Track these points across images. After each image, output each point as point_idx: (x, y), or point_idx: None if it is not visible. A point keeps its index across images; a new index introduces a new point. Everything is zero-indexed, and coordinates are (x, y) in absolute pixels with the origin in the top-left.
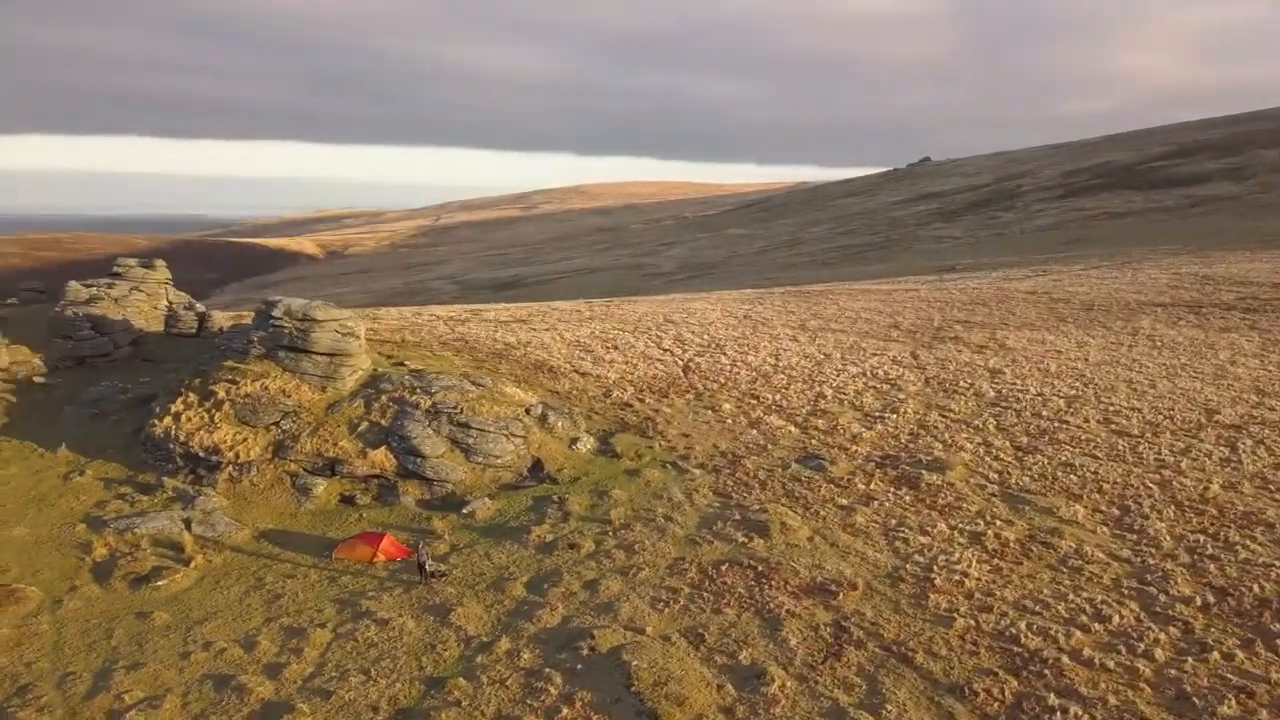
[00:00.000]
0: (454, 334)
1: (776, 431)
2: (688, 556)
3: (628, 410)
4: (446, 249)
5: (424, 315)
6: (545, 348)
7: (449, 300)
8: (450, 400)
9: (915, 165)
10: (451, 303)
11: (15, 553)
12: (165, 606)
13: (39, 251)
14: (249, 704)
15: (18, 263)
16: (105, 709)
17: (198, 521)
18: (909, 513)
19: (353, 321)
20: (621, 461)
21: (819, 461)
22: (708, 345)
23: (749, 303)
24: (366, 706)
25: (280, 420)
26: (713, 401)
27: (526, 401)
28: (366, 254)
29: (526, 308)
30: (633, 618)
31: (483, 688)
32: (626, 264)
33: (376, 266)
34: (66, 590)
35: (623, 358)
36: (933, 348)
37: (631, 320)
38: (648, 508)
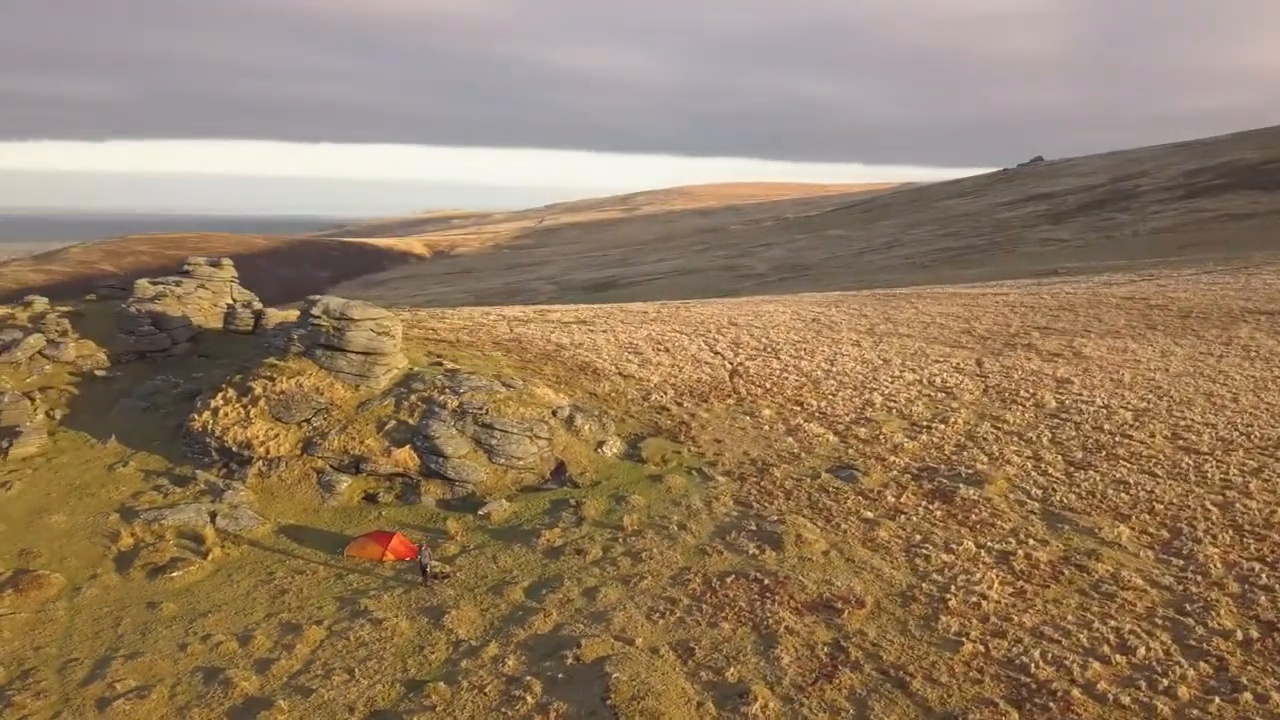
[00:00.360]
0: (511, 334)
1: (814, 439)
2: (694, 566)
3: (663, 414)
4: (549, 250)
5: (491, 315)
6: (595, 349)
7: (545, 300)
8: (477, 401)
9: (1026, 165)
10: (548, 303)
11: (49, 539)
12: (175, 597)
13: (167, 250)
14: (232, 698)
15: (148, 260)
16: (96, 697)
17: (223, 515)
18: (936, 528)
19: (389, 321)
20: (646, 466)
21: (851, 472)
22: (763, 349)
23: (825, 306)
24: (344, 706)
25: (312, 417)
26: (753, 407)
27: (556, 403)
28: (471, 254)
29: (593, 309)
30: (625, 628)
31: (461, 693)
32: (721, 265)
33: (480, 267)
34: (88, 578)
35: (670, 360)
36: (1001, 355)
37: (694, 322)
38: (663, 515)
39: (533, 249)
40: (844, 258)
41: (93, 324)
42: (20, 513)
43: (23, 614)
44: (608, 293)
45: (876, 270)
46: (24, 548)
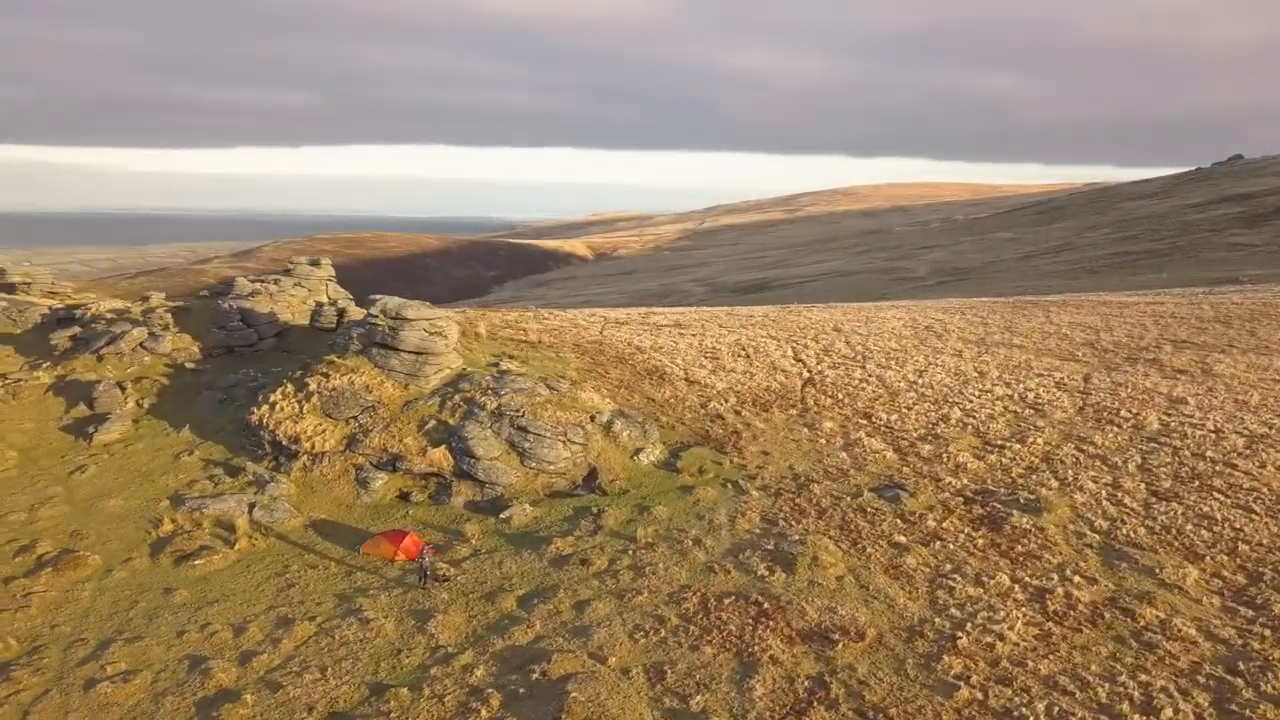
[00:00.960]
0: (596, 337)
1: (869, 455)
2: (696, 585)
3: (717, 423)
4: (707, 251)
5: (594, 317)
6: (673, 353)
7: (695, 302)
8: (515, 403)
9: (1223, 164)
10: (698, 304)
11: (100, 521)
12: (192, 585)
13: (347, 249)
14: (205, 689)
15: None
16: (86, 678)
17: (261, 506)
18: (973, 558)
19: (443, 322)
20: (681, 477)
21: (897, 492)
22: (853, 357)
23: (948, 312)
24: (305, 705)
25: (359, 414)
26: (815, 419)
27: (599, 408)
28: (632, 256)
29: (698, 312)
30: (603, 645)
31: (420, 701)
32: (879, 267)
33: (639, 268)
34: (122, 561)
35: (745, 367)
36: (1117, 370)
37: (795, 327)
38: (682, 528)
39: (691, 250)
40: (1008, 261)
41: (195, 319)
42: (86, 495)
43: (53, 592)
44: (759, 295)
45: (1040, 275)
46: (76, 529)
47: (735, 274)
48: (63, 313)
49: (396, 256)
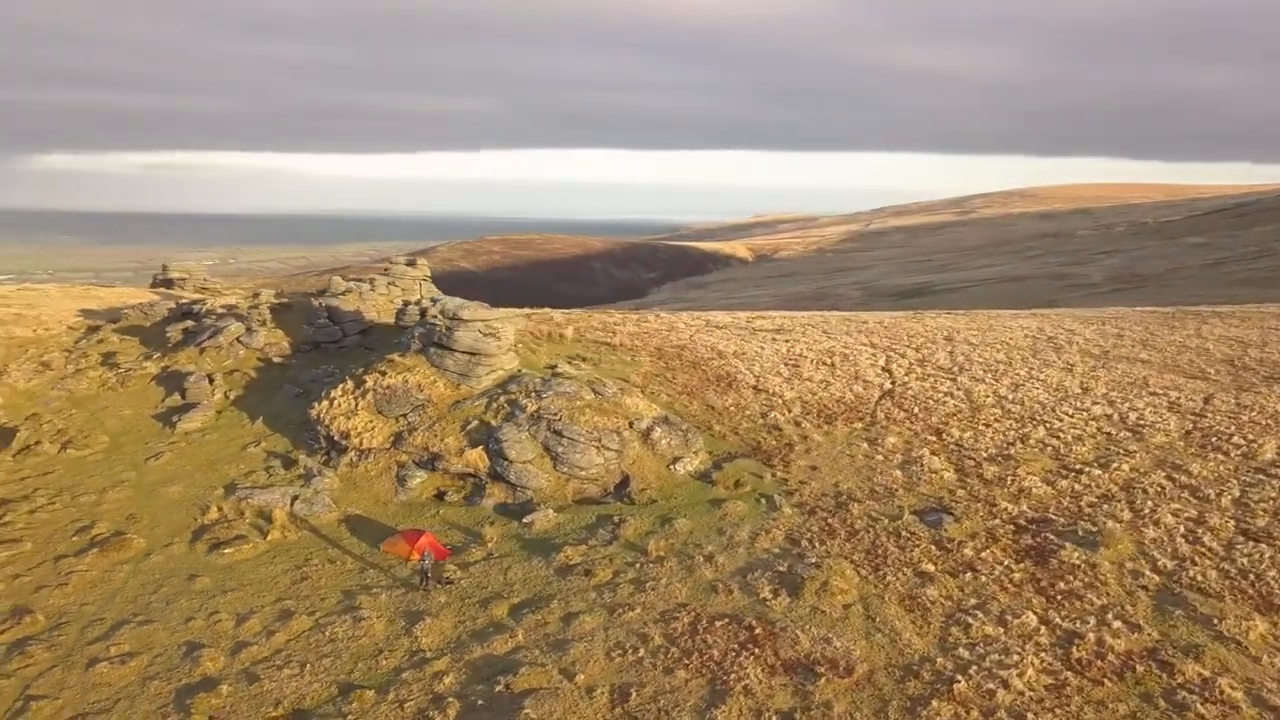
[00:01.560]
0: (682, 341)
1: (925, 475)
2: (693, 604)
3: (772, 434)
4: (870, 254)
5: (694, 320)
6: (753, 359)
7: (850, 306)
8: (554, 406)
9: None
10: (853, 308)
11: (157, 506)
12: (216, 572)
13: (515, 250)
14: (190, 676)
15: (499, 259)
16: (91, 657)
17: (303, 499)
18: (1003, 593)
19: (498, 323)
20: (715, 489)
21: (941, 516)
22: (949, 368)
23: (1084, 322)
24: (274, 700)
25: (409, 412)
26: (880, 433)
27: (641, 414)
28: (793, 258)
29: (807, 316)
30: (577, 661)
31: (382, 704)
32: (1051, 272)
33: (799, 270)
34: (163, 545)
35: (824, 376)
36: (1248, 391)
37: (904, 335)
38: (699, 543)
39: (854, 253)
40: (1193, 269)
41: (294, 316)
42: (153, 481)
43: (93, 572)
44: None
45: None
46: (133, 513)
47: (896, 278)
48: (185, 307)
49: (562, 258)
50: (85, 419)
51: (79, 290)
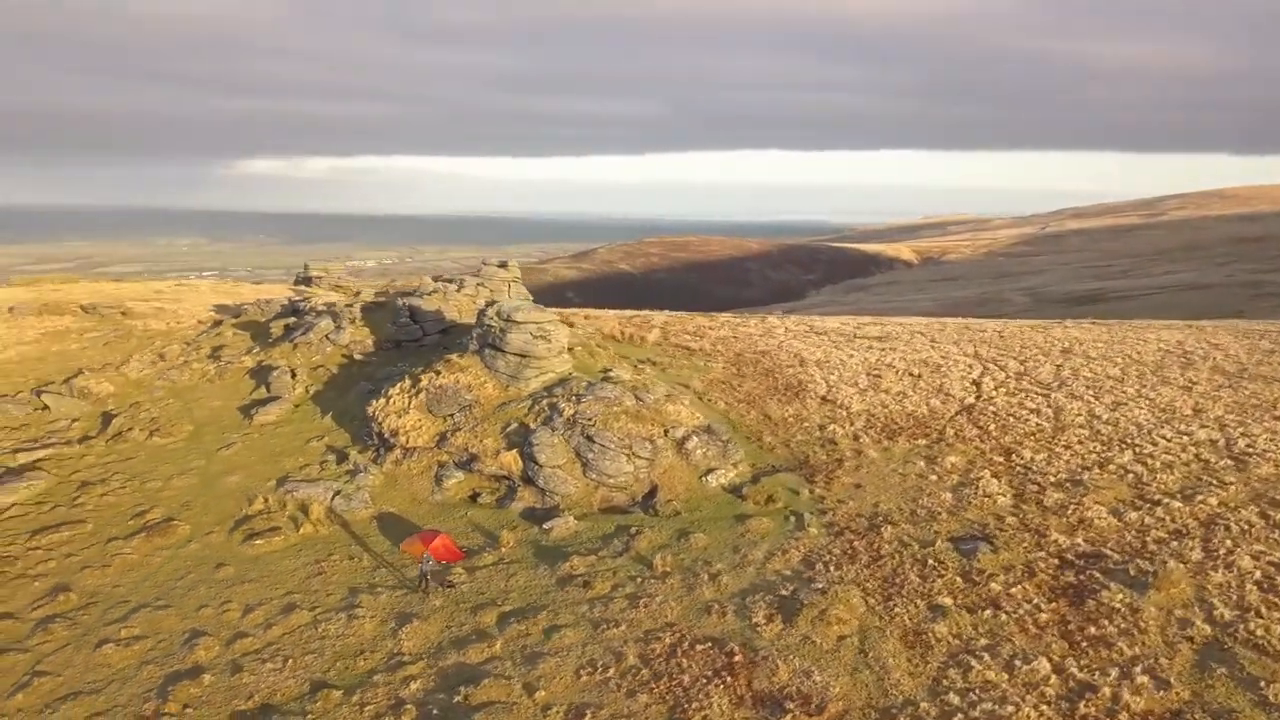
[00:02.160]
0: (766, 347)
1: (978, 499)
2: (681, 624)
3: (825, 448)
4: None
5: (797, 324)
6: (833, 368)
7: (1015, 312)
8: (590, 412)
9: None
10: (1019, 315)
11: (212, 495)
12: (241, 562)
13: (672, 252)
14: (183, 663)
15: (656, 261)
16: (101, 638)
17: (343, 495)
18: (1022, 635)
19: (550, 325)
20: (744, 504)
21: (978, 544)
22: (1047, 383)
23: (1236, 336)
24: (247, 693)
25: (456, 413)
26: (942, 451)
27: (680, 422)
28: (961, 261)
29: (927, 324)
30: (542, 676)
31: (345, 705)
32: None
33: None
34: (204, 533)
35: (903, 388)
36: None
37: (1016, 346)
38: (709, 560)
39: (1028, 257)
40: None
41: (383, 315)
42: (218, 470)
43: (135, 555)
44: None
45: None
46: (189, 500)
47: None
48: (293, 304)
49: (718, 260)
50: (178, 409)
51: (226, 286)
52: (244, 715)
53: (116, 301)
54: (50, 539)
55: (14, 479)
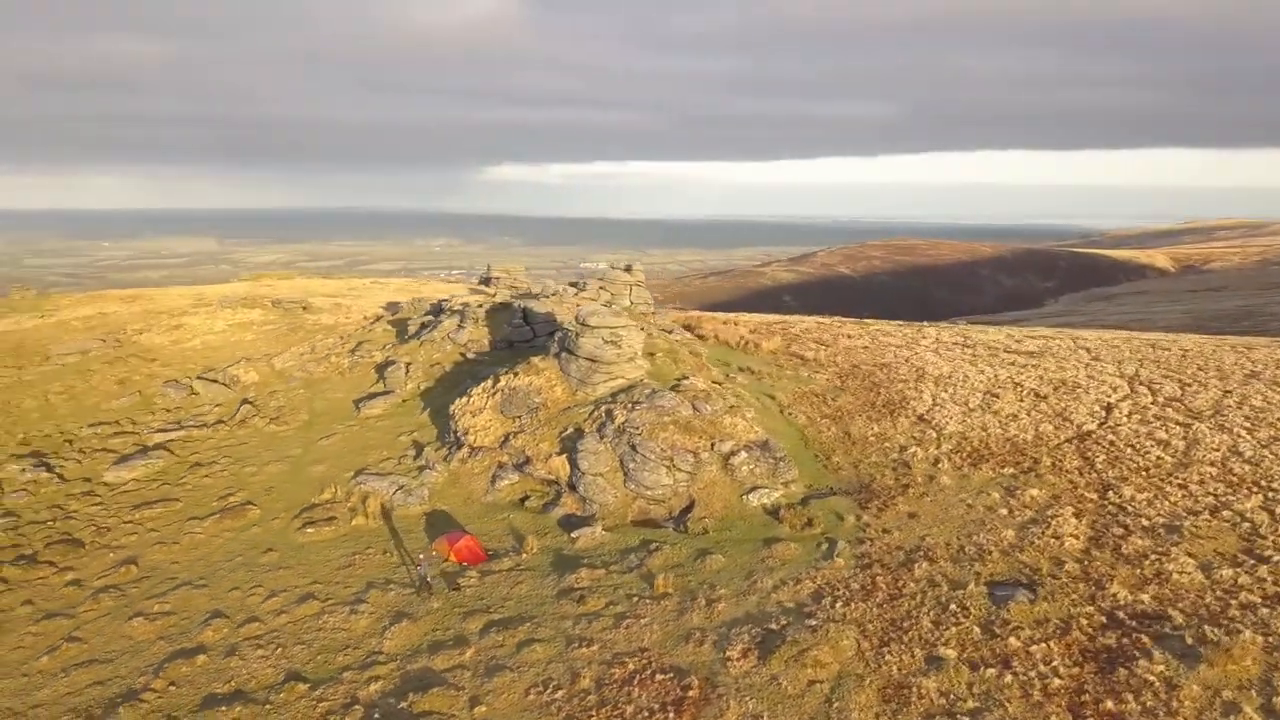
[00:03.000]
0: (882, 360)
1: (1043, 539)
2: (653, 650)
3: (894, 471)
4: None
5: (932, 333)
6: (949, 385)
7: (1278, 328)
8: (639, 420)
9: None
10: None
11: (293, 482)
12: (288, 549)
13: (896, 255)
14: (192, 640)
15: (879, 265)
16: (136, 610)
17: (404, 491)
18: (1019, 702)
19: (624, 331)
20: (779, 527)
21: (1016, 591)
22: (1193, 413)
23: None
24: (229, 678)
25: (523, 415)
26: (1027, 482)
27: (735, 436)
28: (1225, 270)
29: (1103, 338)
30: (492, 691)
31: (304, 699)
32: None
33: (1229, 284)
34: (270, 518)
35: (1018, 410)
36: None
37: (1187, 369)
38: (714, 584)
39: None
40: None
41: (505, 316)
42: (310, 459)
43: (202, 535)
44: None
45: None
46: (273, 486)
47: None
48: (441, 303)
49: (946, 264)
50: (303, 399)
51: (413, 284)
52: (215, 699)
53: (304, 297)
54: (144, 514)
55: (140, 457)
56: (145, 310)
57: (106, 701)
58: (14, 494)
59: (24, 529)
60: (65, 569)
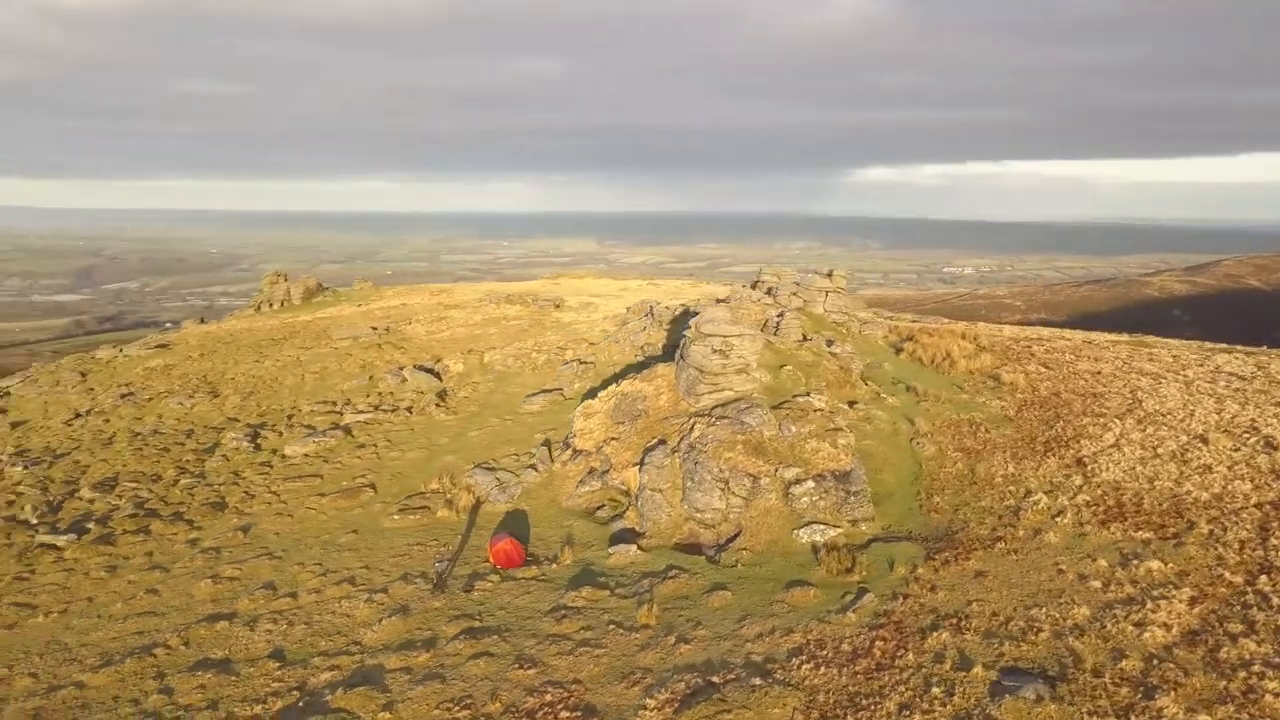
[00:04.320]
0: (1089, 389)
1: (1122, 626)
2: (580, 685)
3: (989, 521)
4: None
5: (1186, 357)
6: (1156, 422)
7: None
8: (709, 437)
9: None
10: None
11: (421, 470)
12: (368, 533)
13: None
14: (225, 609)
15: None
16: (213, 573)
17: (499, 487)
18: None
19: (736, 340)
20: (815, 570)
21: (1029, 684)
22: None
23: None
24: (226, 646)
25: (625, 421)
26: (1153, 551)
27: (809, 463)
28: None
29: None
30: (410, 699)
31: (263, 676)
32: None
33: None
34: (379, 502)
35: (1214, 460)
36: None
37: None
38: (699, 624)
39: None
40: None
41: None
42: (448, 449)
43: (312, 512)
44: None
45: None
46: (400, 471)
47: None
48: (653, 306)
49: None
50: (486, 392)
51: (686, 286)
52: (205, 664)
53: (566, 296)
54: (289, 486)
55: (321, 435)
56: (438, 303)
57: (130, 650)
58: (216, 460)
59: (197, 490)
60: (196, 529)
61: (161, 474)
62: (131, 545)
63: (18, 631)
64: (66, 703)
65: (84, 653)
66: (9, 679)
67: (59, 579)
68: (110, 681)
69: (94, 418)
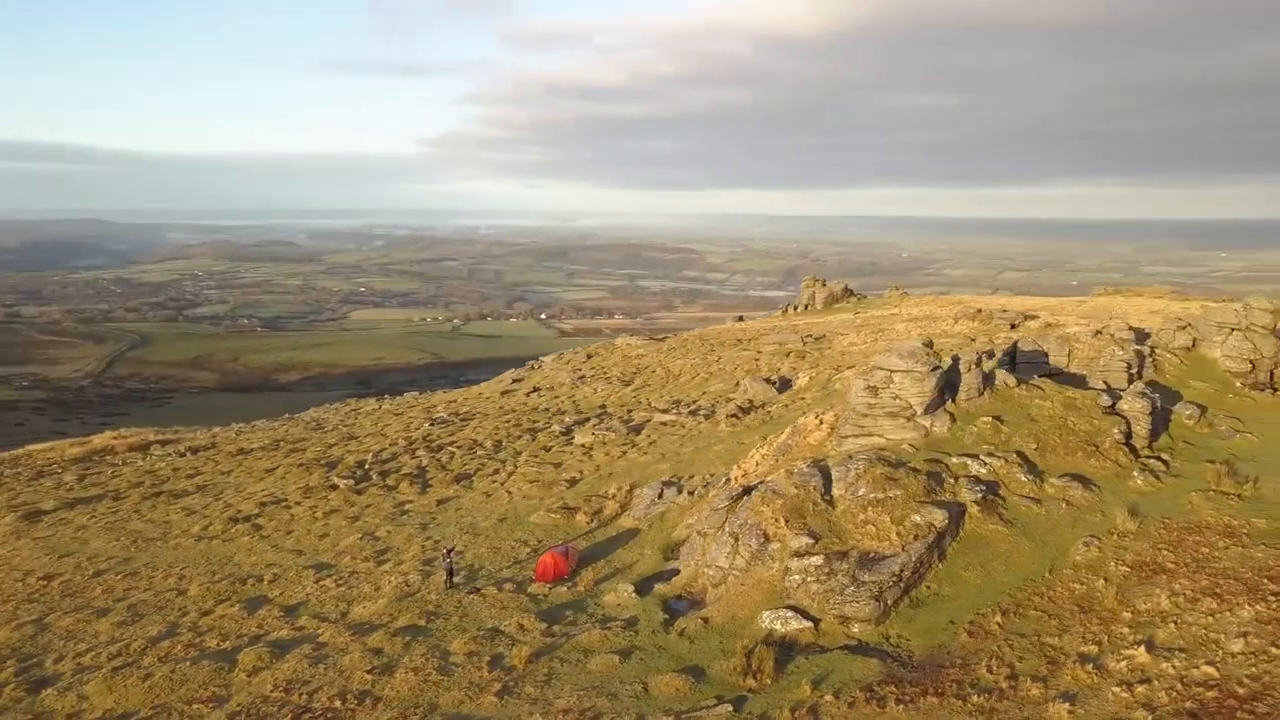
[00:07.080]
0: None
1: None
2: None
3: (1029, 671)
4: None
5: None
6: None
7: None
8: (767, 484)
9: None
10: None
11: (639, 473)
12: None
13: None
14: (310, 561)
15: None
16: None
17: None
18: None
19: (899, 378)
20: (725, 660)
21: None
22: None
23: None
24: (271, 589)
25: (778, 456)
26: None
27: (848, 538)
28: None
29: None
30: (305, 683)
31: (249, 619)
32: None
33: None
34: (571, 497)
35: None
36: None
37: None
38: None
39: None
40: None
41: None
42: (676, 459)
43: (513, 494)
44: None
45: None
46: (612, 472)
47: None
48: None
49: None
50: (797, 409)
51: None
52: (236, 597)
53: (1032, 313)
54: (524, 470)
55: (606, 430)
56: (923, 314)
57: (200, 575)
58: (523, 439)
59: (486, 461)
60: (417, 493)
61: (481, 443)
62: (375, 495)
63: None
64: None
65: (172, 569)
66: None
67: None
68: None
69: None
